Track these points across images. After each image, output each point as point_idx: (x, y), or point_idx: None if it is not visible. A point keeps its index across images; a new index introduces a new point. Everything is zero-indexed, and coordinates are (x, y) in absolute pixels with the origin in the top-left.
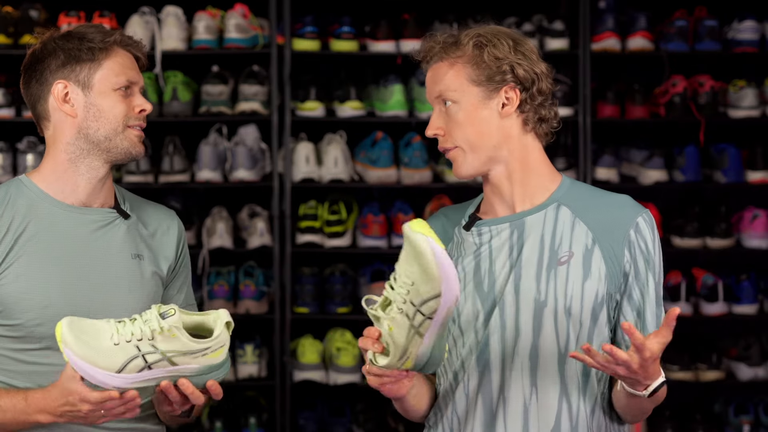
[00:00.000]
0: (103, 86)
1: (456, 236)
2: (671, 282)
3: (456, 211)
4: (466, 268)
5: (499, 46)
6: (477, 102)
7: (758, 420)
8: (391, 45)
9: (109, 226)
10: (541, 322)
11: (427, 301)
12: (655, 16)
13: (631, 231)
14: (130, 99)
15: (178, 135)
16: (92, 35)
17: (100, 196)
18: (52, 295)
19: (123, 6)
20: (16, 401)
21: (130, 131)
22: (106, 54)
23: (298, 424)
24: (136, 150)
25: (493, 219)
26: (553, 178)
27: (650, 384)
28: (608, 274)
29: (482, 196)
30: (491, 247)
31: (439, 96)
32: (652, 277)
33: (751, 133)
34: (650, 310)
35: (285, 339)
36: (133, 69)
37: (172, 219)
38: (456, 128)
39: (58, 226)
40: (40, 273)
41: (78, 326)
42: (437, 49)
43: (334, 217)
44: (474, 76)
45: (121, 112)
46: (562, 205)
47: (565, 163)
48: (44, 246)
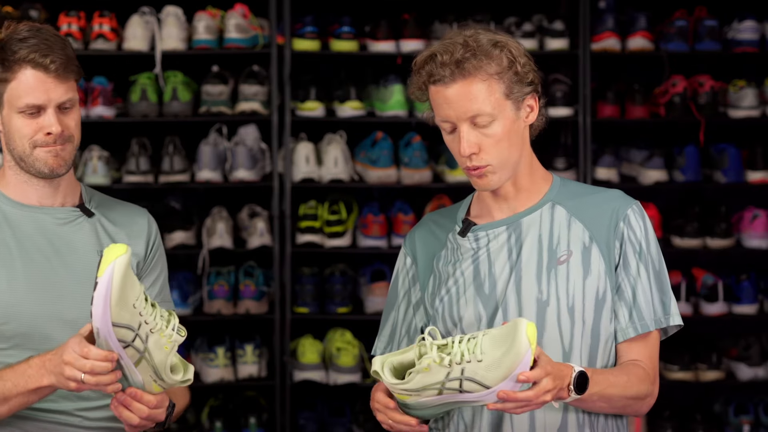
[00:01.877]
0: (10, 106)
1: (450, 242)
2: (671, 282)
3: (444, 216)
4: (464, 273)
5: (519, 53)
6: (512, 116)
7: (758, 420)
8: (391, 45)
9: (72, 223)
10: (544, 322)
11: (476, 382)
12: (655, 16)
13: (621, 223)
14: (39, 119)
15: (178, 135)
16: (10, 46)
17: (57, 197)
18: (17, 294)
19: (123, 6)
20: (17, 366)
21: (39, 151)
22: (11, 72)
23: (298, 424)
24: (48, 168)
25: (490, 223)
26: (546, 178)
27: (568, 382)
28: (607, 269)
29: (470, 199)
30: (489, 251)
31: (476, 116)
32: (644, 267)
33: (751, 133)
34: (644, 300)
35: (285, 339)
36: (39, 89)
37: (142, 216)
38: (493, 145)
39: (19, 227)
40: (4, 272)
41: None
42: (470, 67)
43: (334, 217)
44: (506, 90)
45: (26, 135)
46: (556, 204)
47: (565, 163)
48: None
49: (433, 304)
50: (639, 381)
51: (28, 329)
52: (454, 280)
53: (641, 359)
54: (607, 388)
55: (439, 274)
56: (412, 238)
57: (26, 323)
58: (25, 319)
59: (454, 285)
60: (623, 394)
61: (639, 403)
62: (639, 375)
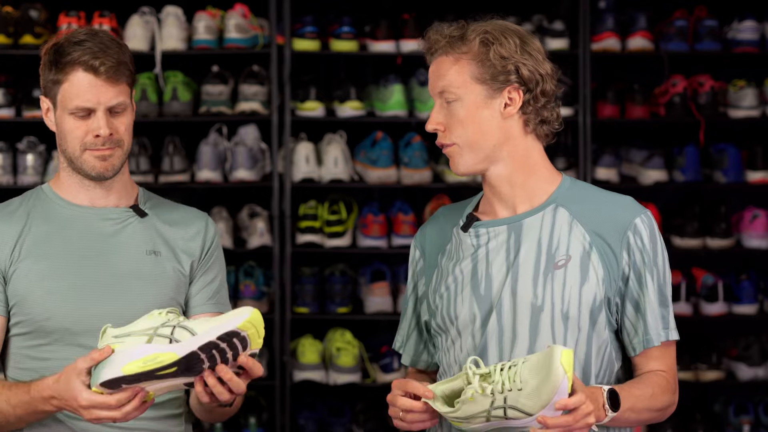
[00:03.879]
0: (62, 108)
1: (454, 237)
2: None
3: (454, 210)
4: (463, 271)
5: (505, 44)
6: (479, 100)
7: (758, 420)
8: (391, 45)
9: (123, 223)
10: (538, 326)
11: (519, 410)
12: (655, 16)
13: (629, 233)
14: (89, 122)
15: (178, 135)
16: (67, 48)
17: (110, 198)
18: (61, 290)
19: (123, 6)
20: (21, 394)
21: (88, 154)
22: (63, 74)
23: (298, 424)
24: (95, 172)
25: (492, 220)
26: (552, 179)
27: (603, 401)
28: (606, 277)
29: (482, 195)
30: (488, 249)
31: (442, 91)
32: (651, 278)
33: (751, 133)
34: (651, 312)
35: (285, 339)
36: (89, 92)
37: (201, 219)
38: (456, 125)
39: (67, 225)
40: (50, 269)
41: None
42: (443, 43)
43: (334, 217)
44: (478, 74)
45: (77, 137)
46: (560, 206)
47: (565, 163)
48: (53, 244)
49: (433, 300)
50: (662, 392)
51: (70, 325)
52: (453, 278)
53: (662, 370)
54: (636, 402)
55: (442, 270)
56: (423, 231)
57: (69, 320)
58: (68, 316)
59: (453, 282)
60: (650, 407)
61: (662, 413)
62: (662, 385)
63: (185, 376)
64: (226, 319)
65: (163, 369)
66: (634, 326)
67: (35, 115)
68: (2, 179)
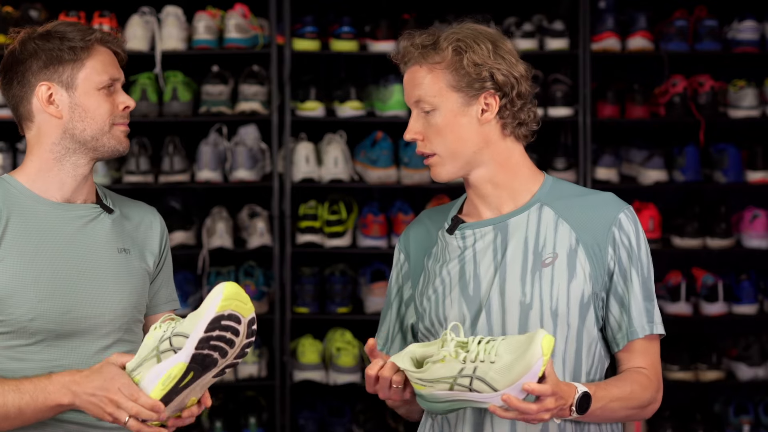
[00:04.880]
0: (87, 86)
1: (440, 240)
2: (671, 282)
3: (439, 212)
4: (451, 273)
5: (478, 51)
6: (456, 108)
7: (758, 420)
8: (391, 45)
9: (95, 221)
10: (527, 325)
11: (485, 383)
12: (655, 16)
13: (613, 228)
14: (113, 96)
15: (178, 135)
16: (72, 34)
17: (83, 192)
18: (43, 290)
19: (123, 6)
20: (37, 380)
21: (116, 129)
22: (88, 53)
23: (298, 424)
24: (122, 146)
25: (477, 222)
26: (535, 178)
27: (572, 403)
28: (593, 273)
29: (465, 197)
30: (475, 250)
31: (418, 101)
32: (636, 273)
33: (751, 133)
34: (636, 307)
35: (285, 339)
36: (114, 66)
37: (154, 215)
38: (435, 135)
39: (44, 223)
40: (31, 268)
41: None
42: (416, 54)
43: (334, 217)
44: (453, 83)
45: (107, 111)
46: (544, 205)
47: (565, 163)
48: (32, 242)
49: (421, 303)
50: (642, 389)
51: (54, 326)
52: (441, 280)
53: (644, 366)
54: (610, 402)
55: (428, 273)
56: (407, 235)
57: (52, 320)
58: (51, 316)
59: (440, 285)
60: (626, 406)
61: (643, 411)
62: (643, 383)
63: (208, 372)
64: (204, 309)
65: (182, 380)
66: (618, 321)
67: None
68: None
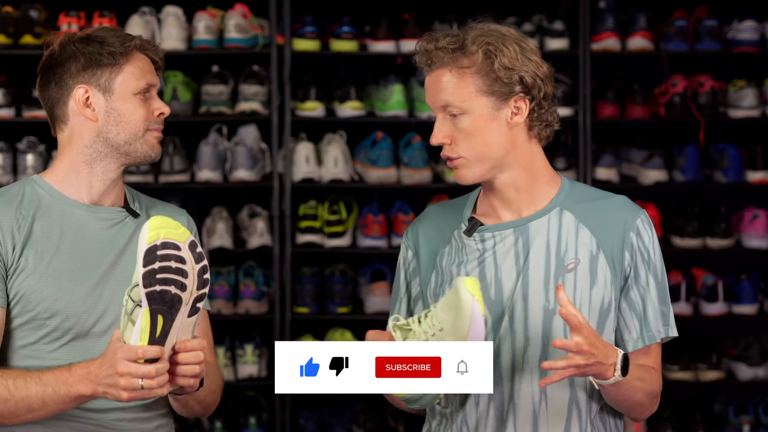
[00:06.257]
0: (124, 90)
1: (455, 240)
2: (671, 282)
3: (448, 210)
4: (470, 275)
5: (507, 53)
6: (486, 113)
7: (758, 420)
8: (391, 45)
9: (120, 224)
10: (550, 330)
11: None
12: (655, 16)
13: (631, 233)
14: (149, 102)
15: (178, 135)
16: (112, 39)
17: (111, 195)
18: (62, 289)
19: (123, 6)
20: (59, 372)
21: (150, 134)
22: (126, 58)
23: (298, 424)
24: (155, 152)
25: (497, 225)
26: (553, 181)
27: (615, 362)
28: (613, 279)
29: (477, 194)
30: (495, 254)
31: (445, 105)
32: (652, 277)
33: (751, 133)
34: (652, 311)
35: (285, 339)
36: (151, 72)
37: (182, 216)
38: (463, 139)
39: (69, 224)
40: (53, 268)
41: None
42: (445, 58)
43: (334, 217)
44: (484, 87)
45: (142, 117)
46: (564, 209)
47: (565, 163)
48: (55, 242)
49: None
50: (652, 380)
51: (71, 325)
52: None
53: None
54: (635, 379)
55: (443, 272)
56: (415, 230)
57: (70, 319)
58: (70, 315)
59: None
60: (644, 389)
61: (650, 404)
62: (653, 375)
63: (178, 311)
64: (138, 248)
65: (154, 327)
66: (631, 324)
67: (35, 115)
68: (2, 179)
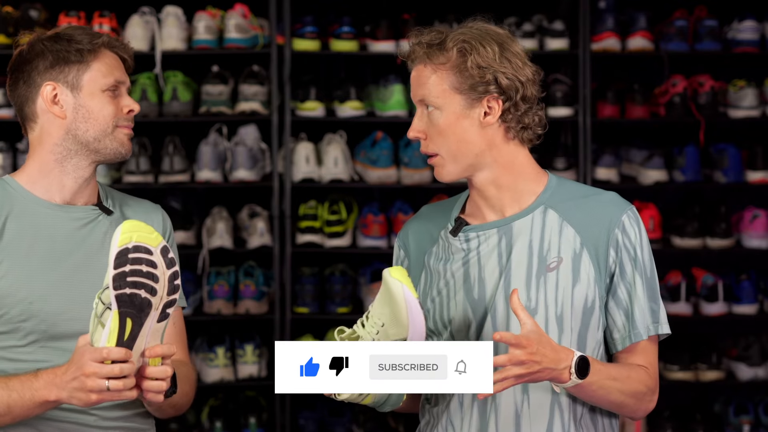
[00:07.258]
0: (92, 87)
1: (442, 239)
2: (671, 282)
3: (439, 211)
4: (455, 275)
5: (483, 53)
6: (459, 110)
7: (758, 420)
8: (391, 45)
9: (93, 223)
10: None
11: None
12: (655, 16)
13: (616, 230)
14: (118, 99)
15: (178, 135)
16: (80, 37)
17: (85, 194)
18: (37, 290)
19: (123, 6)
20: (25, 378)
21: (119, 131)
22: (94, 55)
23: (298, 424)
24: (125, 149)
25: (481, 225)
26: (539, 180)
27: (569, 365)
28: (597, 277)
29: (466, 195)
30: (480, 254)
31: (422, 100)
32: (639, 275)
33: (751, 133)
34: (639, 309)
35: (285, 339)
36: (119, 69)
37: (156, 212)
38: (437, 135)
39: (41, 224)
40: (26, 269)
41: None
42: (421, 53)
43: (334, 217)
44: (457, 84)
45: (111, 113)
46: (548, 208)
47: (565, 163)
48: (27, 243)
49: (425, 303)
50: (639, 380)
51: (47, 327)
52: (445, 282)
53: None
54: (607, 379)
55: (431, 272)
56: (406, 230)
57: (45, 321)
58: (45, 317)
59: (445, 287)
60: (621, 389)
61: (636, 403)
62: (641, 375)
63: (147, 315)
64: (110, 250)
65: (122, 330)
66: (618, 322)
67: None
68: None
